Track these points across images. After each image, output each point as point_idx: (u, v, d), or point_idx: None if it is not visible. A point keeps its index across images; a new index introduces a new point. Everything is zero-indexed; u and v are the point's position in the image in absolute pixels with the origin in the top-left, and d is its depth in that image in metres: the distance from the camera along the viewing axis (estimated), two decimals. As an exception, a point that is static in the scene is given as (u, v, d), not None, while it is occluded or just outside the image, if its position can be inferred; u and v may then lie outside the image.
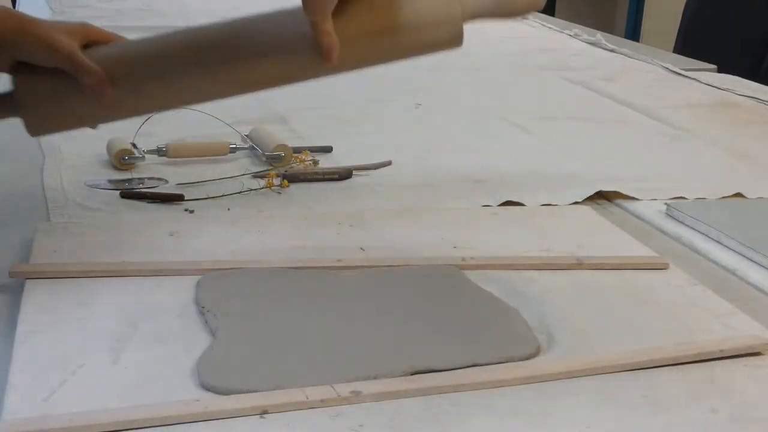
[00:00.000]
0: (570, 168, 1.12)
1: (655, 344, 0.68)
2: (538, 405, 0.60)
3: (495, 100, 1.47)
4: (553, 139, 1.26)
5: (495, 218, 0.94)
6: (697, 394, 0.62)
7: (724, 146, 1.26)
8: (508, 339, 0.67)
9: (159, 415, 0.56)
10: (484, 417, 0.58)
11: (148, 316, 0.68)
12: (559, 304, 0.74)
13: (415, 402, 0.59)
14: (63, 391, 0.58)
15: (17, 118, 0.76)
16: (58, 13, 2.02)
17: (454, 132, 1.28)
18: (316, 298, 0.72)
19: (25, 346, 0.63)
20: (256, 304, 0.71)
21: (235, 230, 0.86)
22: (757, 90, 1.61)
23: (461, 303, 0.73)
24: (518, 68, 1.75)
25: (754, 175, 1.13)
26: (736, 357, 0.67)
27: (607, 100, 1.51)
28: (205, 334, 0.66)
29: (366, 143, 1.18)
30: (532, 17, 2.33)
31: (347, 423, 0.57)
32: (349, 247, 0.83)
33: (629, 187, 1.05)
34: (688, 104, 1.50)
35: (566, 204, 1.00)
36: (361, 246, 0.83)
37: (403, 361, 0.63)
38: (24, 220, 0.86)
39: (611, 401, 0.61)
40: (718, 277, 0.84)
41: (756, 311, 0.75)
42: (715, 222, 0.93)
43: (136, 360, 0.62)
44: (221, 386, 0.59)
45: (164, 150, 1.05)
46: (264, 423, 0.56)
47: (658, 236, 0.94)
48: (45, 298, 0.70)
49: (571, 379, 0.63)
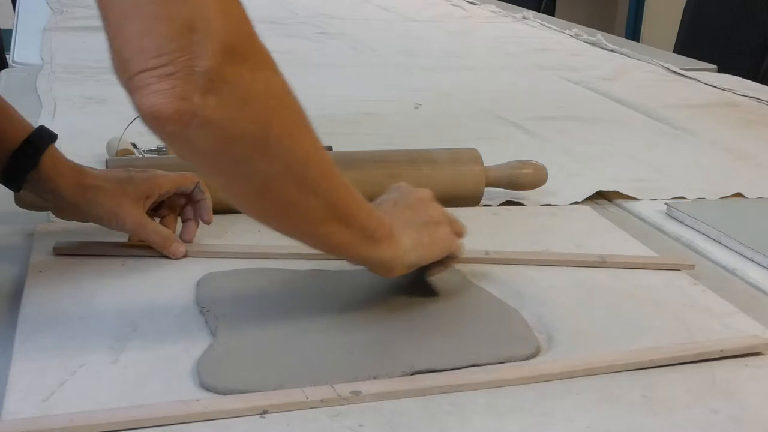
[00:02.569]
0: (570, 168, 1.12)
1: (655, 344, 0.68)
2: (538, 405, 0.60)
3: (495, 100, 1.47)
4: (553, 139, 1.26)
5: (495, 218, 0.94)
6: (697, 394, 0.62)
7: (724, 146, 1.26)
8: (508, 339, 0.67)
9: (159, 415, 0.56)
10: (484, 417, 0.58)
11: (148, 316, 0.68)
12: (559, 304, 0.74)
13: (415, 402, 0.59)
14: (63, 391, 0.58)
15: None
16: (58, 12, 2.02)
17: (454, 132, 1.28)
18: (316, 298, 0.72)
19: (25, 346, 0.63)
20: (257, 304, 0.71)
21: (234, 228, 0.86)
22: (757, 90, 1.61)
23: (461, 303, 0.73)
24: (518, 68, 1.75)
25: (754, 175, 1.13)
26: (736, 357, 0.67)
27: (607, 100, 1.51)
28: (205, 334, 0.66)
29: (366, 143, 1.18)
30: (532, 17, 2.33)
31: (347, 423, 0.57)
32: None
33: (629, 187, 1.05)
34: (688, 104, 1.50)
35: (566, 204, 1.00)
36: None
37: (403, 361, 0.63)
38: (24, 220, 0.86)
39: (611, 401, 0.61)
40: (718, 277, 0.84)
41: (756, 311, 0.75)
42: (715, 222, 0.93)
43: (136, 360, 0.62)
44: (221, 386, 0.59)
45: (164, 150, 1.05)
46: (264, 423, 0.56)
47: (658, 236, 0.94)
48: (45, 298, 0.70)
49: (571, 379, 0.63)
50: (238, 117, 0.55)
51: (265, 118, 0.57)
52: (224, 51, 0.53)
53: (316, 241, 0.66)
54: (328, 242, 0.65)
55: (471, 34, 2.12)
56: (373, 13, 2.34)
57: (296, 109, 0.60)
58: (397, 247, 0.68)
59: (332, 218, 0.63)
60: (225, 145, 0.56)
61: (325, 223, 0.63)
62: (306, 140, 0.61)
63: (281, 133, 0.58)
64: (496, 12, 2.43)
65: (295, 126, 0.60)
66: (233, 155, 0.57)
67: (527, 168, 0.99)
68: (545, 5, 2.78)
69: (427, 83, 1.57)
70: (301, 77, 1.60)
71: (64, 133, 1.13)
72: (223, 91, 0.53)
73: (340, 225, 0.64)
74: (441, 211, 0.73)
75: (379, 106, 1.40)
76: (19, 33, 1.86)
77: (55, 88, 1.37)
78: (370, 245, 0.66)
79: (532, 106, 1.44)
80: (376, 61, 1.76)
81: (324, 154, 0.63)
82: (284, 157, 0.59)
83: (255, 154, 0.57)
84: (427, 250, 0.71)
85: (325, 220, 0.63)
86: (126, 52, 0.53)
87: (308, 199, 0.61)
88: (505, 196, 1.00)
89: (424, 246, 0.70)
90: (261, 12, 2.31)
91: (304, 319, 0.69)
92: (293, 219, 0.63)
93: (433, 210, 0.73)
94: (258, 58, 0.56)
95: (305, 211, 0.62)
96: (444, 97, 1.49)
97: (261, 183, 0.59)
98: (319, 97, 1.38)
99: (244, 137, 0.56)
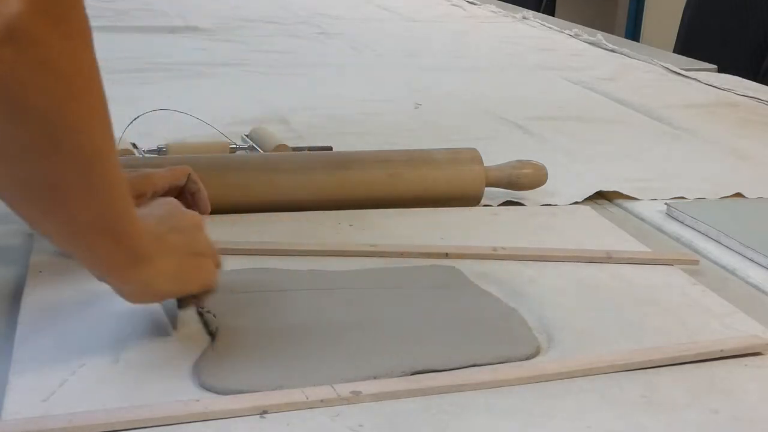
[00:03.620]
0: (570, 168, 1.12)
1: (655, 344, 0.68)
2: (538, 405, 0.60)
3: (495, 100, 1.47)
4: (553, 139, 1.26)
5: (495, 218, 0.94)
6: (697, 394, 0.62)
7: (724, 146, 1.26)
8: (508, 339, 0.67)
9: (159, 416, 0.56)
10: (484, 417, 0.58)
11: (148, 316, 0.68)
12: (559, 304, 0.74)
13: (415, 402, 0.59)
14: (63, 391, 0.58)
15: None
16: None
17: (454, 132, 1.28)
18: (316, 298, 0.72)
19: (25, 346, 0.63)
20: (256, 304, 0.71)
21: (234, 228, 0.86)
22: (757, 90, 1.61)
23: (461, 303, 0.73)
24: (518, 68, 1.75)
25: (754, 175, 1.13)
26: (736, 357, 0.67)
27: (607, 100, 1.51)
28: (205, 334, 0.66)
29: (366, 143, 1.18)
30: (532, 17, 2.33)
31: (347, 423, 0.57)
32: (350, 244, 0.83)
33: (629, 187, 1.05)
34: (688, 104, 1.50)
35: (566, 204, 1.00)
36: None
37: (403, 361, 0.63)
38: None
39: (611, 401, 0.61)
40: (718, 277, 0.84)
41: (756, 311, 0.75)
42: (715, 222, 0.93)
43: (136, 360, 0.62)
44: (221, 386, 0.59)
45: (164, 150, 1.05)
46: (264, 423, 0.56)
47: (658, 236, 0.94)
48: (45, 298, 0.70)
49: (571, 379, 0.63)
50: (33, 83, 0.47)
51: (64, 94, 0.49)
52: (36, 3, 0.46)
53: (72, 248, 0.58)
54: (85, 253, 0.58)
55: (471, 34, 2.12)
56: (374, 13, 2.34)
57: (100, 96, 0.52)
58: (155, 273, 0.60)
59: (100, 230, 0.56)
60: (8, 111, 0.48)
61: (90, 233, 0.56)
62: (99, 136, 0.53)
63: (77, 117, 0.50)
64: (496, 12, 2.43)
65: (93, 115, 0.52)
66: (13, 126, 0.48)
67: (527, 168, 0.99)
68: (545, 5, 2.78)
69: (427, 83, 1.57)
70: (301, 77, 1.61)
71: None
72: (22, 47, 0.46)
73: (106, 238, 0.56)
74: (209, 241, 0.66)
75: (379, 106, 1.40)
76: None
77: (55, 88, 1.37)
78: (128, 266, 0.59)
79: (532, 106, 1.44)
80: (376, 61, 1.76)
81: (113, 156, 0.55)
82: (69, 147, 0.51)
83: (38, 133, 0.49)
84: (187, 282, 0.63)
85: (92, 230, 0.56)
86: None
87: (81, 203, 0.54)
88: (505, 196, 1.00)
89: (184, 278, 0.63)
90: (261, 12, 2.32)
91: (304, 319, 0.69)
92: (56, 219, 0.55)
93: (203, 239, 0.65)
94: (75, 25, 0.49)
95: (73, 215, 0.54)
96: (444, 97, 1.49)
97: (31, 170, 0.51)
98: (318, 98, 1.38)
99: (32, 109, 0.48)
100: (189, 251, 0.63)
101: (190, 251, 0.63)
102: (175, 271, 0.62)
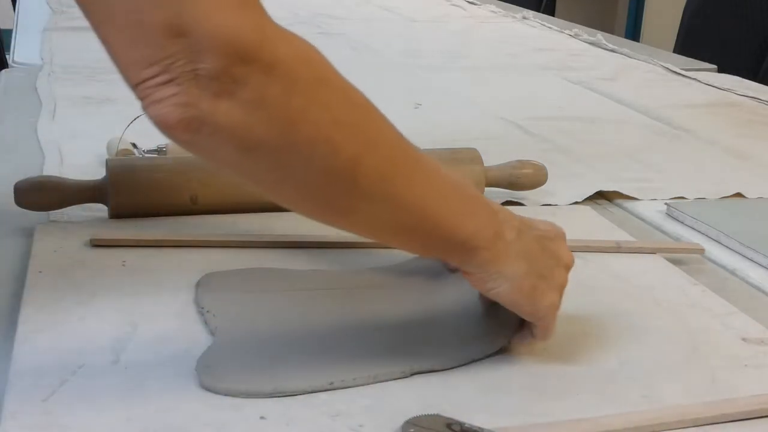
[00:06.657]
0: (570, 168, 1.12)
1: (655, 344, 0.68)
2: (537, 405, 0.60)
3: (495, 100, 1.47)
4: (553, 139, 1.26)
5: (495, 218, 0.94)
6: (697, 394, 0.62)
7: (724, 146, 1.26)
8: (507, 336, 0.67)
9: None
10: (484, 417, 0.58)
11: (148, 316, 0.68)
12: (559, 304, 0.74)
13: (415, 402, 0.59)
14: (63, 391, 0.58)
15: None
16: (58, 12, 2.02)
17: (454, 132, 1.28)
18: (316, 298, 0.72)
19: (25, 346, 0.63)
20: (256, 304, 0.71)
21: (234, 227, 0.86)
22: (757, 90, 1.61)
23: (461, 302, 0.73)
24: (518, 68, 1.75)
25: (754, 175, 1.13)
26: (736, 357, 0.67)
27: (607, 100, 1.51)
28: (205, 334, 0.66)
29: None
30: (532, 17, 2.33)
31: (347, 423, 0.57)
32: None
33: (629, 187, 1.05)
34: (688, 104, 1.50)
35: (566, 204, 1.00)
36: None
37: (403, 361, 0.63)
38: (24, 220, 0.86)
39: (611, 401, 0.61)
40: (718, 277, 0.84)
41: (756, 311, 0.75)
42: (715, 222, 0.93)
43: (136, 360, 0.62)
44: (221, 387, 0.59)
45: (164, 150, 1.05)
46: (264, 423, 0.56)
47: (658, 236, 0.94)
48: (45, 298, 0.70)
49: (570, 378, 0.63)
50: (252, 122, 0.49)
51: (285, 121, 0.50)
52: (228, 49, 0.47)
53: (395, 244, 0.60)
54: (408, 248, 0.60)
55: (471, 34, 2.12)
56: (374, 14, 2.34)
57: (338, 101, 0.54)
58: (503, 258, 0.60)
59: (405, 226, 0.57)
60: (245, 152, 0.50)
61: (396, 231, 0.58)
62: (353, 140, 0.54)
63: (311, 136, 0.51)
64: (496, 12, 2.43)
65: (333, 125, 0.53)
66: (258, 163, 0.51)
67: (527, 168, 0.99)
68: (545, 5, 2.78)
69: (428, 83, 1.57)
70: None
71: (65, 133, 1.13)
72: (235, 94, 0.48)
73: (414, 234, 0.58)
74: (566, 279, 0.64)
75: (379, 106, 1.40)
76: (19, 33, 1.86)
77: (55, 88, 1.37)
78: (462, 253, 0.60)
79: (532, 106, 1.44)
80: (377, 61, 1.75)
81: (389, 153, 0.56)
82: (319, 162, 0.52)
83: (281, 161, 0.51)
84: (529, 298, 0.61)
85: (395, 227, 0.57)
86: (119, 65, 0.49)
87: (366, 205, 0.55)
88: (505, 196, 1.00)
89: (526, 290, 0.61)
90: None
91: (304, 318, 0.69)
92: (355, 224, 0.57)
93: (563, 271, 0.64)
94: (273, 53, 0.50)
95: (367, 217, 0.56)
96: (444, 97, 1.49)
97: (302, 191, 0.53)
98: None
99: (262, 144, 0.50)
100: (546, 271, 0.62)
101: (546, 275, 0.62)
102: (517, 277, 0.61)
